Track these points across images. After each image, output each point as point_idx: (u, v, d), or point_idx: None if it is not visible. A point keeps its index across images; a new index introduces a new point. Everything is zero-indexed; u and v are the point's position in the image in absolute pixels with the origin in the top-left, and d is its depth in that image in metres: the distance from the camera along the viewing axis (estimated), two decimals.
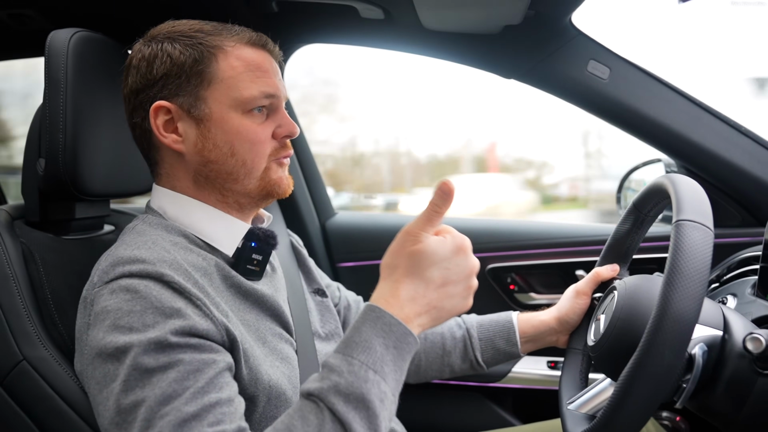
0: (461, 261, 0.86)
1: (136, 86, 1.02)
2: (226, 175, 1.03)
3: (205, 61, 1.00)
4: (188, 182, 1.05)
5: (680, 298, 0.81)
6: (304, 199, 2.00)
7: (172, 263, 0.90)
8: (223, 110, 1.01)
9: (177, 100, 1.00)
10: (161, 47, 1.01)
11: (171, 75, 1.00)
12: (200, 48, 1.00)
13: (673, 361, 0.82)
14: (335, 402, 0.76)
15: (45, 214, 1.17)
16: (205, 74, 1.00)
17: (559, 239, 1.84)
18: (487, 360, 1.34)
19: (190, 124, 1.01)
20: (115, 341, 0.83)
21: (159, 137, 1.01)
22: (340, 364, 0.79)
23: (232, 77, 1.01)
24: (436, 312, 0.84)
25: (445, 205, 0.85)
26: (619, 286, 1.09)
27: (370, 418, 0.77)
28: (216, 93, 1.00)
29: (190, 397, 0.79)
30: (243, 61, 1.02)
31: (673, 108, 1.52)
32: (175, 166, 1.04)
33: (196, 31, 1.02)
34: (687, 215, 0.87)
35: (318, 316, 1.22)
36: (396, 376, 0.81)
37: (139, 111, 1.03)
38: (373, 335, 0.80)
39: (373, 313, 0.82)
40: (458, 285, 0.85)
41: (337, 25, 1.62)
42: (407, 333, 0.81)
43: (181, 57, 1.00)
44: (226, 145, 1.01)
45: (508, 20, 1.40)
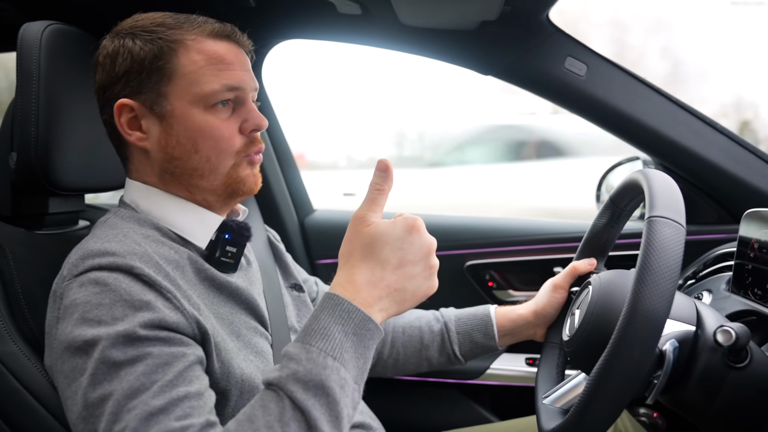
0: (415, 239, 0.84)
1: (103, 83, 1.02)
2: (191, 171, 1.02)
3: (165, 56, 0.98)
4: (155, 178, 1.04)
5: (650, 294, 0.81)
6: (283, 195, 1.99)
7: (143, 256, 0.90)
8: (185, 106, 0.99)
9: (139, 98, 0.99)
10: (123, 43, 0.99)
11: (132, 72, 0.99)
12: (159, 43, 0.98)
13: (643, 358, 0.83)
14: (294, 390, 0.75)
15: (17, 209, 1.16)
16: (165, 70, 0.98)
17: (538, 236, 1.85)
18: (464, 354, 1.34)
19: (153, 121, 1.00)
20: (84, 334, 0.82)
21: (123, 135, 1.01)
22: (299, 352, 0.78)
23: (193, 72, 0.99)
24: (399, 295, 0.83)
25: (385, 183, 0.86)
26: (594, 281, 1.10)
27: (330, 405, 0.76)
28: (177, 89, 0.99)
29: (157, 391, 0.79)
30: (204, 54, 1.00)
31: (650, 105, 1.53)
32: (143, 162, 1.04)
33: (157, 25, 1.00)
34: (659, 211, 0.88)
35: (294, 311, 1.22)
36: (358, 364, 0.80)
37: (107, 108, 1.02)
38: (332, 322, 0.79)
39: (330, 300, 0.81)
40: (416, 265, 0.84)
41: (315, 20, 1.61)
42: (366, 319, 0.80)
43: (141, 53, 0.98)
44: (189, 142, 1.00)
45: (485, 16, 1.40)
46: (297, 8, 1.56)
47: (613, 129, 1.57)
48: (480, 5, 1.34)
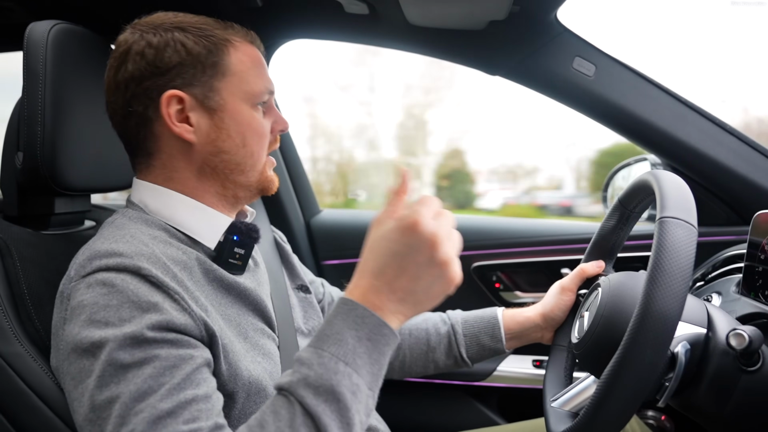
0: (411, 241, 0.78)
1: (140, 73, 0.99)
2: (234, 166, 1.03)
3: (219, 53, 1.01)
4: (189, 173, 1.03)
5: (663, 296, 0.80)
6: (289, 196, 1.99)
7: (150, 257, 0.89)
8: (236, 102, 1.02)
9: (190, 90, 1.00)
10: (172, 36, 0.99)
11: (185, 64, 0.99)
12: (213, 40, 1.01)
13: (655, 360, 0.82)
14: (305, 395, 0.75)
15: (24, 209, 1.16)
16: (219, 66, 1.01)
17: (545, 237, 1.84)
18: (471, 356, 1.33)
19: (202, 115, 1.01)
20: (91, 336, 0.81)
21: (170, 126, 0.99)
22: (311, 356, 0.77)
23: (243, 71, 1.03)
24: (411, 297, 0.80)
25: (403, 190, 0.85)
26: (603, 283, 1.09)
27: (341, 411, 0.75)
28: (229, 85, 1.02)
29: (165, 394, 0.78)
30: (248, 56, 1.04)
31: (659, 106, 1.51)
32: (177, 157, 1.02)
33: (202, 23, 1.03)
34: (670, 212, 0.87)
35: (301, 313, 1.21)
36: (372, 369, 0.79)
37: (142, 99, 1.00)
38: (345, 327, 0.78)
39: (345, 306, 0.80)
40: (421, 266, 0.78)
41: (322, 20, 1.61)
42: (381, 324, 0.79)
43: (195, 47, 1.00)
44: (238, 136, 1.02)
45: (493, 15, 1.40)
46: (304, 8, 1.55)
47: (621, 130, 1.56)
48: (488, 5, 1.33)
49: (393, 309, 0.80)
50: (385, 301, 0.80)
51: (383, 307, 0.79)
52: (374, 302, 0.79)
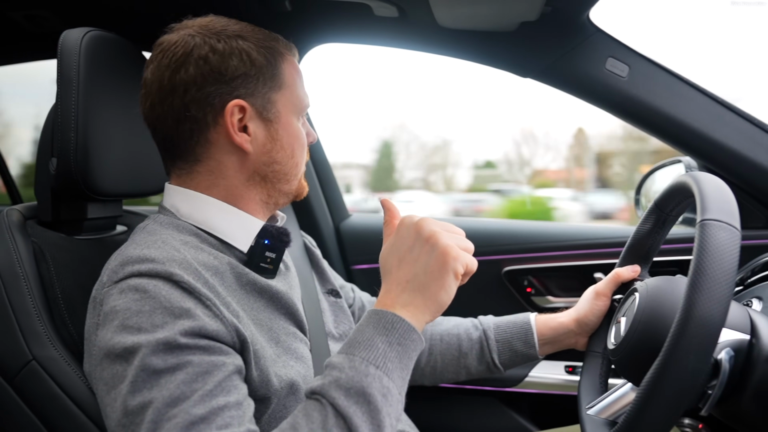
0: (401, 231, 0.89)
1: (203, 78, 0.97)
2: (282, 175, 1.06)
3: (277, 65, 1.03)
4: (238, 181, 1.04)
5: (705, 301, 0.77)
6: (318, 201, 1.99)
7: (182, 262, 0.89)
8: (288, 114, 1.05)
9: (251, 100, 1.01)
10: (237, 44, 1.00)
11: (250, 75, 1.00)
12: (271, 51, 1.03)
13: (697, 367, 0.79)
14: (336, 396, 0.76)
15: (57, 214, 1.17)
16: (277, 78, 1.03)
17: (577, 241, 1.81)
18: (504, 362, 1.31)
19: (259, 125, 1.02)
20: (124, 342, 0.82)
21: (231, 135, 1.00)
22: (342, 361, 0.80)
23: (293, 84, 1.06)
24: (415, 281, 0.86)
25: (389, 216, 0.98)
26: (640, 288, 1.07)
27: (372, 413, 0.77)
28: (283, 98, 1.04)
29: (198, 400, 0.78)
30: (296, 69, 1.08)
31: (695, 106, 1.48)
32: (227, 164, 1.02)
33: (259, 34, 1.04)
34: (712, 214, 0.84)
35: (332, 317, 1.21)
36: (402, 374, 0.81)
37: (201, 104, 0.98)
38: (376, 333, 0.82)
39: (375, 315, 0.84)
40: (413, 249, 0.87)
41: (351, 24, 1.60)
42: (410, 329, 0.82)
43: (258, 58, 1.01)
44: (289, 147, 1.05)
45: (525, 17, 1.38)
46: (333, 12, 1.55)
47: (656, 132, 1.53)
48: (520, 6, 1.32)
49: (402, 301, 0.85)
50: (394, 297, 0.85)
51: (395, 304, 0.85)
52: (386, 303, 0.85)
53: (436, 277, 0.85)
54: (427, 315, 0.85)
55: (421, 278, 0.85)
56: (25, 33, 1.72)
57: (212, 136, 1.00)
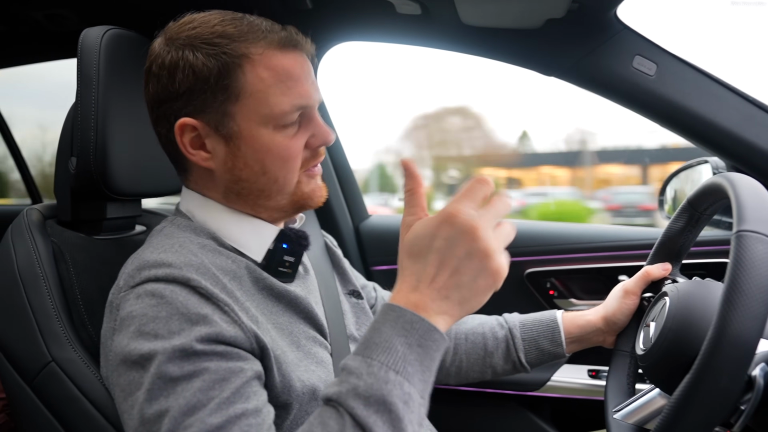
0: (448, 233, 0.74)
1: (158, 96, 0.96)
2: (258, 192, 0.98)
3: (231, 73, 0.92)
4: (218, 195, 1.01)
5: (740, 318, 0.74)
6: (338, 201, 1.98)
7: (200, 267, 0.87)
8: (253, 127, 0.94)
9: (203, 117, 0.94)
10: (182, 55, 0.92)
11: (195, 90, 0.93)
12: (224, 58, 0.92)
13: (730, 386, 0.77)
14: (355, 406, 0.71)
15: (77, 214, 1.17)
16: (232, 88, 0.92)
17: (601, 243, 1.78)
18: (530, 361, 1.28)
19: (218, 141, 0.95)
20: (140, 348, 0.80)
21: (185, 154, 0.96)
22: (359, 366, 0.73)
23: (261, 90, 0.93)
24: (455, 293, 0.74)
25: (414, 182, 0.82)
26: (670, 293, 1.04)
27: (393, 422, 0.71)
28: (244, 109, 0.93)
29: (215, 408, 0.76)
30: (272, 70, 0.94)
31: (725, 105, 1.44)
32: (205, 178, 1.00)
33: (218, 35, 0.93)
34: (749, 225, 0.80)
35: (353, 319, 1.19)
36: (423, 377, 0.74)
37: (163, 122, 0.97)
38: (394, 334, 0.73)
39: (392, 312, 0.75)
40: (462, 258, 0.73)
41: (373, 21, 1.58)
42: (431, 328, 0.73)
43: (204, 70, 0.92)
44: (257, 164, 0.95)
45: (551, 13, 1.35)
46: (355, 9, 1.54)
47: (684, 132, 1.49)
48: (547, 3, 1.29)
49: (437, 309, 0.74)
50: (428, 302, 0.74)
51: (427, 308, 0.74)
52: (417, 304, 0.75)
53: (479, 295, 0.75)
54: (456, 319, 0.77)
55: (464, 293, 0.75)
56: (46, 32, 1.72)
57: (182, 152, 0.98)
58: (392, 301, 0.76)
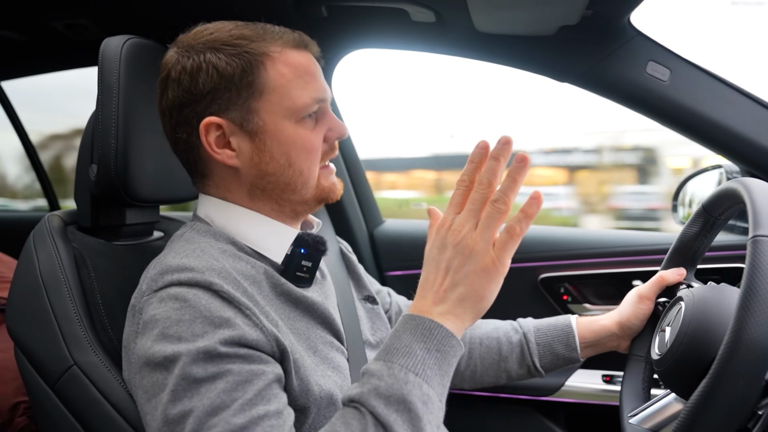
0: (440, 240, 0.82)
1: (179, 101, 0.98)
2: (283, 186, 1.01)
3: (254, 70, 0.96)
4: (242, 194, 1.02)
5: (756, 323, 0.75)
6: (352, 206, 1.99)
7: (221, 271, 0.89)
8: (277, 120, 0.97)
9: (228, 115, 0.97)
10: (204, 58, 0.96)
11: (219, 89, 0.96)
12: (246, 57, 0.96)
13: (747, 391, 0.77)
14: (376, 405, 0.75)
15: (97, 220, 1.18)
16: (255, 85, 0.96)
17: (615, 248, 1.78)
18: (545, 365, 1.29)
19: (243, 138, 0.98)
20: (164, 350, 0.82)
21: (211, 153, 0.98)
22: (380, 368, 0.78)
23: (283, 85, 0.97)
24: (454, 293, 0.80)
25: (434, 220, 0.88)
26: (686, 297, 1.04)
27: (412, 421, 0.75)
28: (268, 104, 0.97)
29: (238, 409, 0.78)
30: (291, 66, 0.98)
31: (739, 110, 1.44)
32: (227, 179, 1.02)
33: (237, 38, 0.97)
34: (766, 230, 0.81)
35: (368, 324, 1.20)
36: (442, 381, 0.79)
37: (184, 126, 0.99)
38: (414, 340, 0.79)
39: (412, 321, 0.81)
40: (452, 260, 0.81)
41: (388, 29, 1.60)
42: (449, 335, 0.79)
43: (228, 69, 0.95)
44: (283, 157, 0.98)
45: (565, 20, 1.36)
46: (369, 17, 1.55)
47: (699, 137, 1.49)
48: (561, 9, 1.30)
49: (440, 311, 0.81)
50: (431, 306, 0.81)
51: (431, 312, 0.81)
52: (422, 310, 0.81)
53: (476, 290, 0.80)
54: (467, 322, 0.82)
55: (461, 290, 0.80)
56: (67, 41, 1.75)
57: (203, 154, 1.00)
58: (410, 311, 0.82)
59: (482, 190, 0.81)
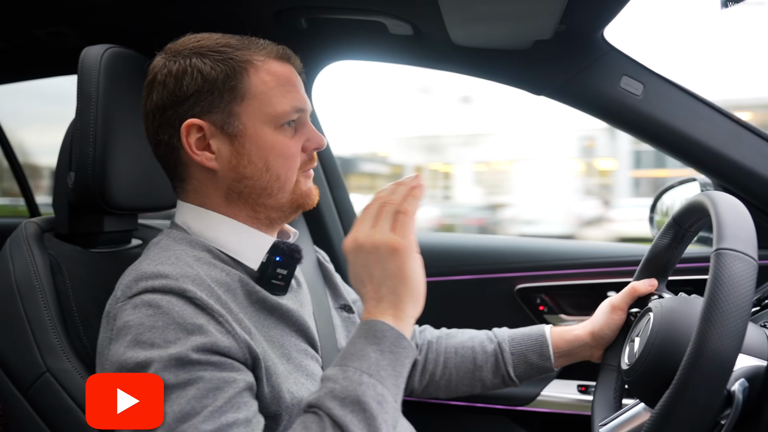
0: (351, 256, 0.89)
1: (163, 103, 1.00)
2: (260, 190, 1.02)
3: (237, 76, 0.99)
4: (219, 199, 1.04)
5: (718, 335, 0.76)
6: (331, 215, 1.99)
7: (195, 279, 0.90)
8: (257, 126, 1.00)
9: (209, 117, 0.99)
10: (190, 63, 0.99)
11: (203, 92, 0.98)
12: (231, 63, 0.99)
13: (709, 401, 0.79)
14: (332, 407, 0.78)
15: (74, 227, 1.18)
16: (238, 90, 0.99)
17: (590, 259, 1.80)
18: (519, 374, 1.30)
19: (223, 141, 1.00)
20: (136, 357, 0.82)
21: (191, 155, 1.00)
22: (335, 373, 0.81)
23: (264, 92, 1.00)
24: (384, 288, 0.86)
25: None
26: (655, 308, 1.05)
27: (368, 420, 0.78)
28: (249, 108, 1.00)
29: (208, 416, 0.79)
30: (273, 75, 1.01)
31: (710, 125, 1.47)
32: (205, 182, 1.04)
33: (223, 45, 1.00)
34: (728, 243, 0.83)
35: (344, 332, 1.21)
36: (396, 382, 0.83)
37: (167, 128, 1.01)
38: (367, 344, 0.83)
39: (365, 326, 0.86)
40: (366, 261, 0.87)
41: (366, 41, 1.61)
42: (400, 336, 0.84)
43: (212, 73, 0.98)
44: (261, 161, 1.00)
45: (539, 35, 1.38)
46: (348, 29, 1.56)
47: (671, 150, 1.52)
48: (535, 24, 1.32)
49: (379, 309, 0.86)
50: (373, 309, 0.86)
51: (374, 313, 0.86)
52: (369, 314, 0.87)
53: (401, 278, 0.86)
54: (410, 311, 0.87)
55: (388, 283, 0.86)
56: (48, 49, 1.75)
57: (184, 157, 1.02)
58: (362, 318, 0.87)
59: (378, 202, 0.90)
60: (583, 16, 1.33)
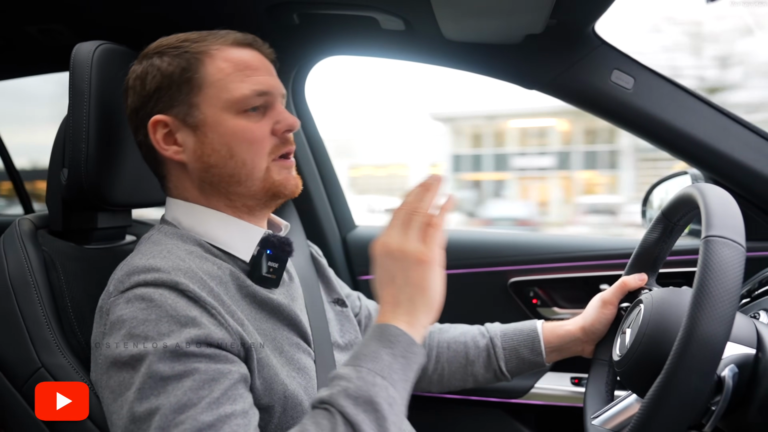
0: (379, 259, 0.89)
1: (135, 105, 1.04)
2: (228, 178, 1.03)
3: (192, 67, 1.01)
4: (195, 192, 1.05)
5: (708, 320, 0.78)
6: (325, 211, 1.99)
7: (188, 272, 0.90)
8: (217, 113, 1.01)
9: (172, 112, 1.01)
10: (151, 63, 1.02)
11: (162, 88, 1.01)
12: (186, 56, 1.01)
13: (700, 387, 0.80)
14: (345, 405, 0.78)
15: (68, 224, 1.18)
16: (194, 80, 1.01)
17: (583, 252, 1.81)
18: (511, 369, 1.31)
19: (187, 133, 1.02)
20: (130, 350, 0.83)
21: (160, 151, 1.02)
22: (349, 372, 0.82)
23: (221, 79, 1.01)
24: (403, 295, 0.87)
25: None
26: (645, 300, 1.06)
27: (379, 421, 0.79)
28: (207, 97, 1.01)
29: (205, 407, 0.79)
30: (230, 62, 1.02)
31: (700, 118, 1.48)
32: (181, 177, 1.05)
33: (182, 41, 1.03)
34: (717, 230, 0.84)
35: (337, 326, 1.21)
36: (405, 386, 0.84)
37: (141, 129, 1.04)
38: (381, 347, 0.84)
39: (379, 329, 0.86)
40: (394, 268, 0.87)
41: (358, 36, 1.62)
42: (412, 342, 0.85)
43: (169, 68, 1.01)
44: (223, 148, 1.01)
45: (530, 29, 1.39)
46: (340, 25, 1.57)
47: (661, 143, 1.54)
48: (525, 19, 1.33)
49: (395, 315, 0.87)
50: (389, 315, 0.87)
51: (389, 318, 0.87)
52: (385, 318, 0.87)
53: (422, 287, 0.87)
54: (424, 319, 0.88)
55: (407, 291, 0.87)
56: (40, 46, 1.75)
57: (158, 155, 1.04)
58: (376, 321, 0.88)
59: (406, 209, 0.90)
60: (573, 10, 1.34)
